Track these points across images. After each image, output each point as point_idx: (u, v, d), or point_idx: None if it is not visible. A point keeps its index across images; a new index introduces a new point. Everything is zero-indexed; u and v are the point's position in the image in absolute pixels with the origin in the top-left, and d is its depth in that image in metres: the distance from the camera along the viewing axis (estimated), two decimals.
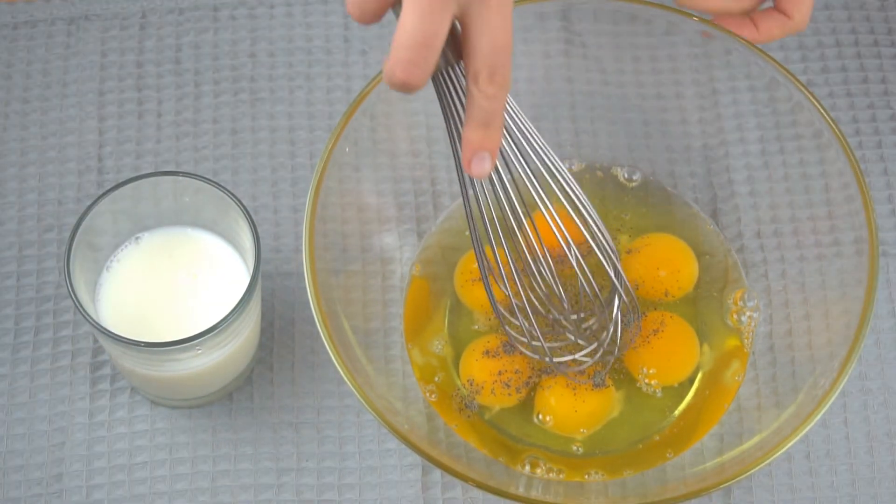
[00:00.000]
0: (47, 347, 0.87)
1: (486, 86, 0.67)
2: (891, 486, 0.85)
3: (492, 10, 0.66)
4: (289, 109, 0.94)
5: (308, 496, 0.84)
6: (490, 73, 0.67)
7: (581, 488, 0.83)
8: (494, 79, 0.67)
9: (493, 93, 0.68)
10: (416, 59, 0.65)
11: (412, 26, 0.65)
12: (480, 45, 0.67)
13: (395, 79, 0.66)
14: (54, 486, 0.84)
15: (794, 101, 0.82)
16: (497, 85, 0.67)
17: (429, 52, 0.65)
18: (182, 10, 0.96)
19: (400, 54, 0.65)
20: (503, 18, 0.66)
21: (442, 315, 0.87)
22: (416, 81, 0.66)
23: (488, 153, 0.70)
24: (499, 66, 0.67)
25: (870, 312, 0.77)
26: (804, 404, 0.77)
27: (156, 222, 0.83)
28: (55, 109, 0.94)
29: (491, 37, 0.66)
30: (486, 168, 0.70)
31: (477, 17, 0.66)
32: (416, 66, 0.66)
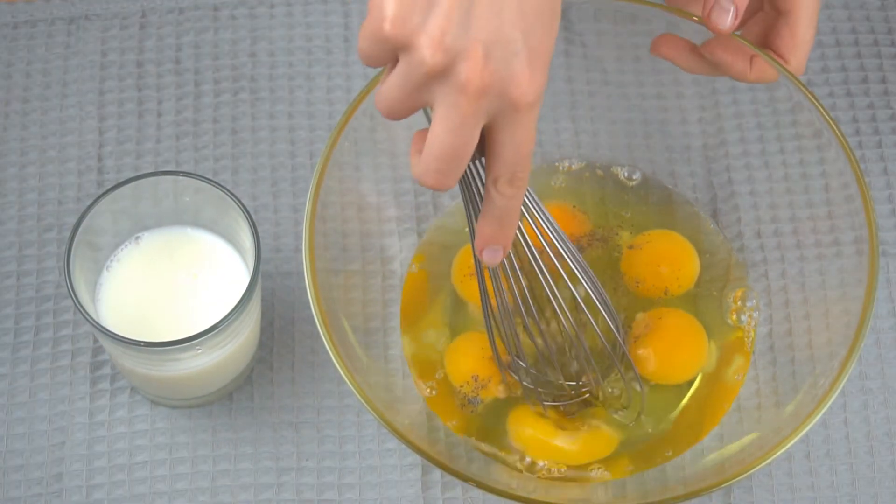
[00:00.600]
0: (47, 347, 0.87)
1: (504, 188, 0.69)
2: (891, 485, 0.85)
3: (519, 123, 0.67)
4: (289, 109, 0.94)
5: (308, 496, 0.84)
6: (510, 178, 0.69)
7: (581, 488, 0.83)
8: (514, 182, 0.69)
9: (512, 194, 0.69)
10: (447, 170, 0.67)
11: (444, 139, 0.66)
12: (504, 154, 0.68)
13: (425, 184, 0.68)
14: (54, 485, 0.84)
15: (794, 101, 0.82)
16: (515, 188, 0.69)
17: (459, 163, 0.67)
18: (182, 10, 0.96)
19: (431, 164, 0.67)
20: (528, 131, 0.67)
21: (440, 310, 0.87)
22: (445, 187, 0.68)
23: (500, 246, 0.72)
24: (519, 171, 0.68)
25: (870, 312, 0.77)
26: (804, 404, 0.77)
27: (156, 222, 0.83)
28: (55, 109, 0.94)
29: (515, 148, 0.67)
30: (497, 259, 0.72)
31: (504, 128, 0.67)
32: (445, 175, 0.67)
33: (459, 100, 0.65)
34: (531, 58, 0.65)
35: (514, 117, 0.66)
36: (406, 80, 0.66)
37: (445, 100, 0.65)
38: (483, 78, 0.64)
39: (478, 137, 0.67)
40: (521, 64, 0.65)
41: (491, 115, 0.66)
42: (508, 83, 0.65)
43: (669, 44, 0.83)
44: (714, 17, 0.78)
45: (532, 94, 0.66)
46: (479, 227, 0.71)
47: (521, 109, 0.66)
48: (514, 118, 0.66)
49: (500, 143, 0.67)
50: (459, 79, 0.64)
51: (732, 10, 0.78)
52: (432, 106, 0.66)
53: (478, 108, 0.65)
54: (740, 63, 0.81)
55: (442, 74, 0.65)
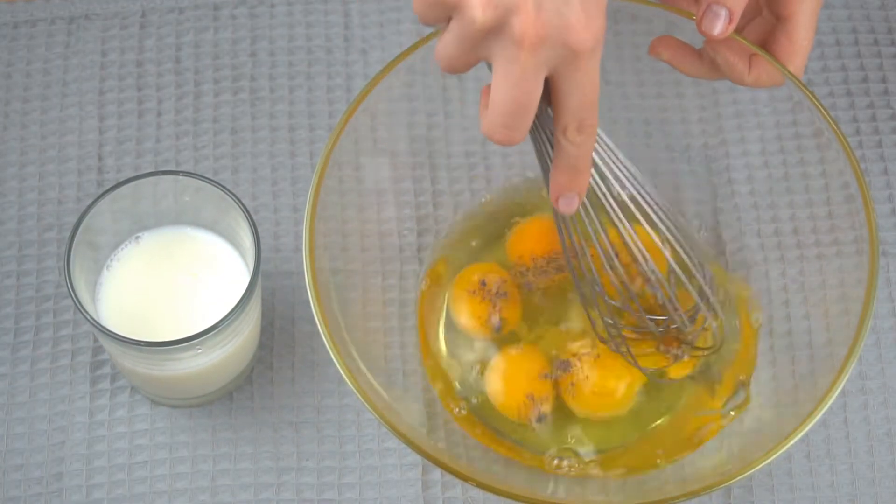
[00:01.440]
0: (47, 347, 0.87)
1: (574, 136, 0.69)
2: (891, 485, 0.85)
3: (581, 70, 0.67)
4: (289, 109, 0.94)
5: (308, 495, 0.84)
6: (578, 126, 0.69)
7: (581, 488, 0.83)
8: (583, 130, 0.69)
9: (581, 141, 0.69)
10: (513, 124, 0.67)
11: (506, 94, 0.66)
12: (570, 103, 0.68)
13: (494, 139, 0.68)
14: (54, 485, 0.84)
15: (794, 101, 0.82)
16: (584, 134, 0.69)
17: (524, 116, 0.67)
18: (182, 10, 0.96)
19: (497, 120, 0.67)
20: (592, 78, 0.67)
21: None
22: (514, 141, 0.68)
23: (575, 194, 0.72)
24: (586, 119, 0.69)
25: (870, 312, 0.77)
26: (804, 404, 0.77)
27: (156, 222, 0.83)
28: (55, 109, 0.94)
29: (580, 95, 0.68)
30: (573, 207, 0.73)
31: (567, 77, 0.67)
32: (512, 129, 0.67)
33: (517, 54, 0.65)
34: (584, 3, 0.65)
35: (575, 64, 0.66)
36: (461, 38, 0.66)
37: (503, 55, 0.65)
38: (538, 29, 0.64)
39: (541, 89, 0.67)
40: (575, 10, 0.65)
41: (551, 65, 0.66)
42: (564, 31, 0.65)
43: (668, 46, 0.83)
44: (706, 23, 0.78)
45: (590, 38, 0.66)
46: (552, 176, 0.72)
47: (582, 55, 0.66)
48: (576, 65, 0.66)
49: (564, 92, 0.67)
50: (514, 33, 0.64)
51: (725, 15, 0.77)
52: (491, 61, 0.66)
53: (537, 60, 0.65)
54: (740, 64, 0.81)
55: (496, 30, 0.65)
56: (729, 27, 0.78)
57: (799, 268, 0.86)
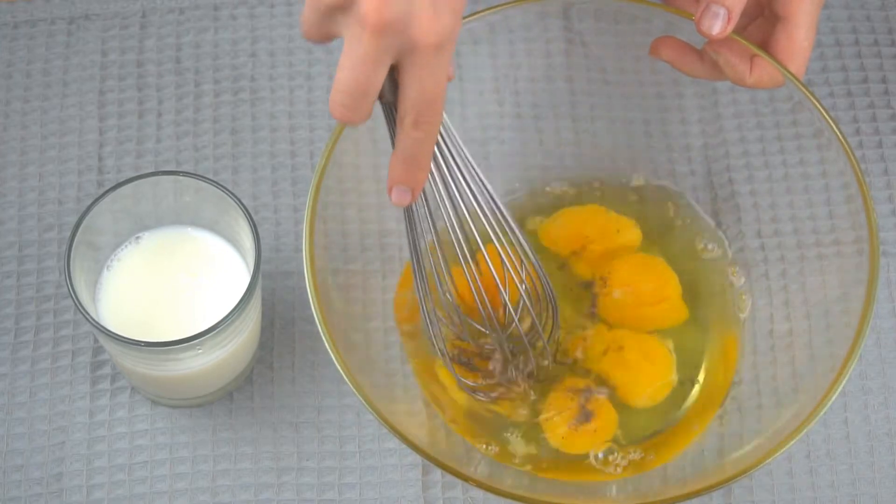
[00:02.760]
0: (47, 347, 0.87)
1: (410, 130, 0.69)
2: (891, 485, 0.85)
3: (422, 65, 0.67)
4: (289, 109, 0.94)
5: (308, 495, 0.84)
6: (415, 119, 0.69)
7: (581, 487, 0.83)
8: (419, 125, 0.69)
9: (418, 137, 0.69)
10: (352, 104, 0.67)
11: (347, 73, 0.67)
12: (408, 94, 0.68)
13: (334, 116, 0.68)
14: (54, 485, 0.84)
15: (794, 101, 0.82)
16: (422, 131, 0.69)
17: (363, 99, 0.67)
18: (182, 10, 0.96)
19: (337, 97, 0.68)
20: (434, 73, 0.67)
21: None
22: (353, 121, 0.68)
23: (409, 188, 0.72)
24: (425, 114, 0.69)
25: (870, 312, 0.77)
26: (804, 404, 0.77)
27: (156, 222, 0.83)
28: (55, 109, 0.94)
29: (419, 90, 0.68)
30: (406, 200, 0.73)
31: (408, 68, 0.67)
32: (351, 110, 0.68)
33: (360, 35, 0.65)
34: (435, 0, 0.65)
35: (417, 58, 0.67)
36: (313, 9, 0.67)
37: (349, 33, 0.66)
38: (382, 14, 0.64)
39: (383, 73, 0.67)
40: (424, 4, 0.65)
41: (396, 54, 0.66)
42: (410, 22, 0.65)
43: (668, 46, 0.83)
44: (705, 23, 0.78)
45: (434, 34, 0.66)
46: (390, 163, 0.72)
47: (424, 50, 0.66)
48: (418, 59, 0.67)
49: (404, 84, 0.68)
50: (359, 14, 0.65)
51: (723, 15, 0.77)
52: (341, 37, 0.67)
53: (379, 46, 0.65)
54: (741, 65, 0.81)
55: (343, 7, 0.65)
56: (728, 27, 0.78)
57: (799, 268, 0.86)
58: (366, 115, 0.68)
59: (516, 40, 0.89)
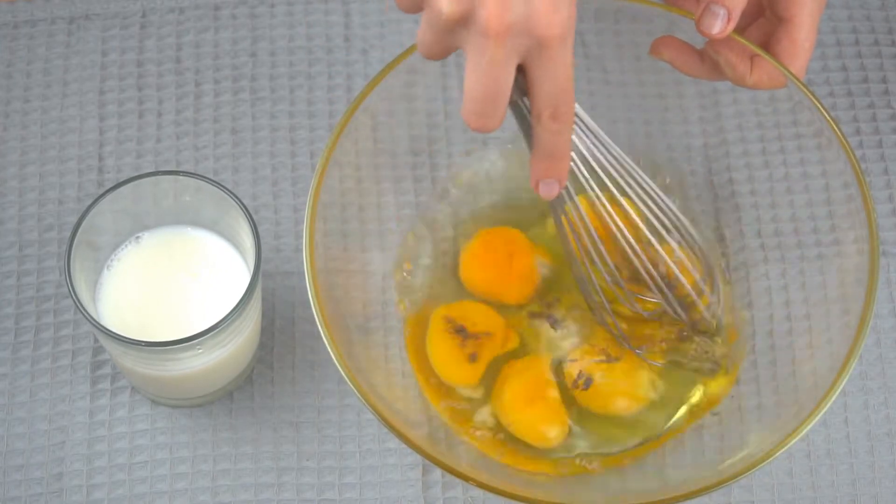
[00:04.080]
0: (48, 347, 0.87)
1: (548, 123, 0.70)
2: (891, 485, 0.85)
3: (551, 59, 0.67)
4: (289, 108, 0.94)
5: (308, 495, 0.84)
6: (552, 113, 0.69)
7: (581, 488, 0.83)
8: (557, 118, 0.70)
9: (557, 128, 0.70)
10: (485, 111, 0.68)
11: (476, 84, 0.67)
12: (542, 89, 0.69)
13: (470, 126, 0.69)
14: (54, 485, 0.84)
15: (794, 101, 0.82)
16: (560, 122, 0.70)
17: (496, 103, 0.68)
18: (183, 10, 0.96)
19: (469, 106, 0.68)
20: (563, 64, 0.68)
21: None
22: (489, 128, 0.69)
23: (555, 180, 0.73)
24: (560, 106, 0.69)
25: (870, 312, 0.77)
26: (804, 404, 0.77)
27: (156, 221, 0.83)
28: (56, 109, 0.94)
29: (552, 83, 0.68)
30: (553, 192, 0.74)
31: (538, 64, 0.68)
32: (486, 116, 0.68)
33: (484, 44, 0.66)
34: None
35: (544, 53, 0.67)
36: (432, 28, 0.67)
37: (472, 44, 0.66)
38: (503, 20, 0.65)
39: (512, 77, 0.67)
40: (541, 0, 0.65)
41: (522, 53, 0.67)
42: (531, 21, 0.66)
43: (669, 46, 0.83)
44: (705, 22, 0.78)
45: (557, 27, 0.66)
46: (531, 163, 0.72)
47: (550, 45, 0.67)
48: (545, 54, 0.67)
49: (536, 81, 0.68)
50: (480, 24, 0.65)
51: (723, 15, 0.78)
52: (462, 49, 0.67)
53: (505, 50, 0.66)
54: (742, 65, 0.81)
55: (463, 21, 0.66)
56: (728, 27, 0.78)
57: (799, 268, 0.86)
58: (501, 120, 0.69)
59: None
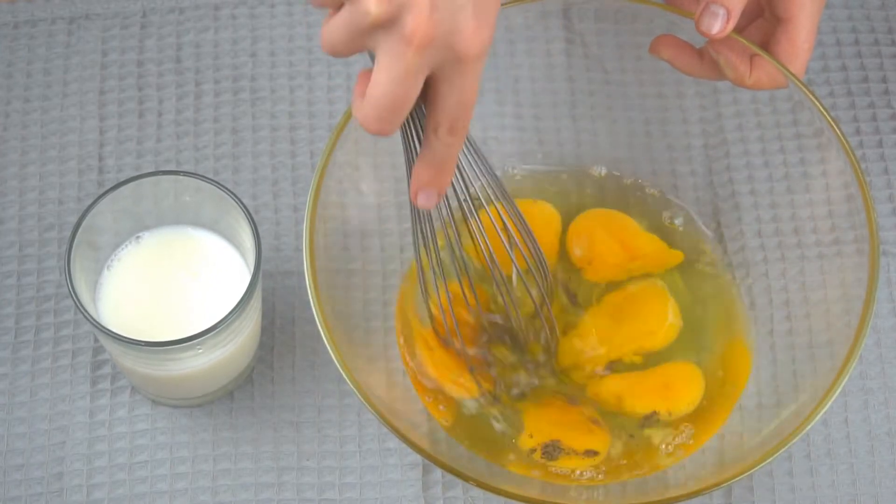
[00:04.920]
0: (48, 346, 0.87)
1: (444, 136, 0.69)
2: (891, 485, 0.85)
3: (463, 75, 0.67)
4: (289, 109, 0.94)
5: (309, 495, 0.84)
6: (450, 127, 0.69)
7: (581, 487, 0.83)
8: (454, 131, 0.69)
9: (450, 142, 0.70)
10: (388, 118, 0.67)
11: (386, 88, 0.66)
12: (446, 104, 0.68)
13: (367, 129, 0.68)
14: (55, 485, 0.84)
15: (794, 101, 0.82)
16: (455, 136, 0.69)
17: (400, 112, 0.67)
18: (183, 10, 0.96)
19: (372, 112, 0.67)
20: (472, 83, 0.68)
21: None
22: (386, 133, 0.68)
23: (436, 191, 0.72)
24: (459, 121, 0.69)
25: (870, 312, 0.77)
26: (804, 404, 0.77)
27: (156, 221, 0.83)
28: (56, 109, 0.94)
29: (458, 98, 0.68)
30: (432, 202, 0.73)
31: (448, 80, 0.67)
32: (387, 122, 0.67)
33: (404, 50, 0.65)
34: (477, 10, 0.65)
35: (457, 69, 0.67)
36: (350, 25, 0.66)
37: (389, 49, 0.66)
38: (428, 29, 0.64)
39: (420, 87, 0.67)
40: (467, 16, 0.65)
41: (434, 65, 0.66)
42: (453, 35, 0.65)
43: (668, 45, 0.83)
44: (705, 22, 0.78)
45: (477, 46, 0.66)
46: (415, 171, 0.72)
47: (466, 61, 0.66)
48: (458, 69, 0.67)
49: (442, 94, 0.68)
50: (405, 30, 0.65)
51: (723, 14, 0.78)
52: (376, 52, 0.66)
53: (422, 60, 0.65)
54: (742, 65, 0.81)
55: (387, 24, 0.65)
56: (727, 26, 0.78)
57: (799, 268, 0.86)
58: (398, 127, 0.68)
59: (516, 40, 0.89)
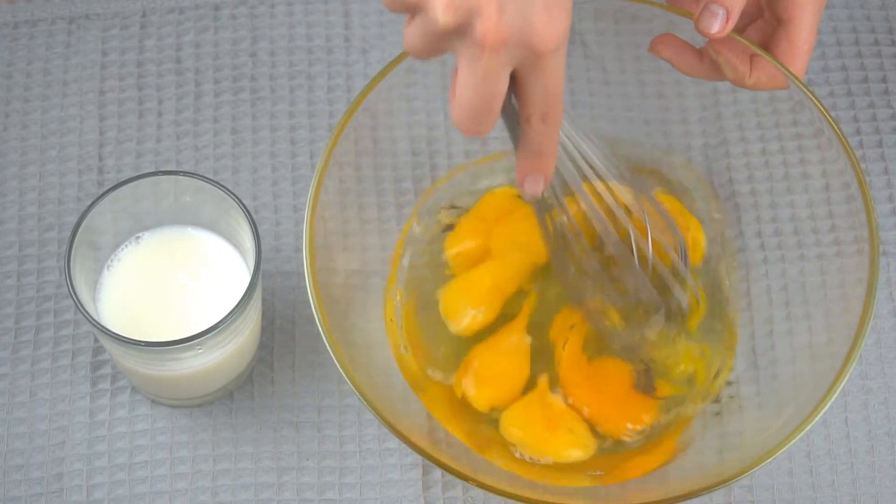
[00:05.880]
0: (48, 347, 0.87)
1: (538, 126, 0.70)
2: (891, 485, 0.85)
3: (544, 69, 0.67)
4: (289, 109, 0.94)
5: (309, 495, 0.84)
6: (542, 116, 0.70)
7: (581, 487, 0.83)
8: (546, 120, 0.70)
9: (544, 130, 0.70)
10: (477, 118, 0.68)
11: (469, 91, 0.67)
12: (533, 98, 0.69)
13: (462, 131, 0.69)
14: (54, 485, 0.84)
15: (794, 101, 0.82)
16: (548, 124, 0.70)
17: (489, 112, 0.68)
18: (182, 10, 0.96)
19: (463, 114, 0.68)
20: (555, 75, 0.68)
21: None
22: (482, 133, 0.69)
23: (541, 176, 0.73)
24: (550, 110, 0.70)
25: (870, 312, 0.77)
26: (804, 404, 0.77)
27: (156, 222, 0.83)
28: (56, 109, 0.94)
29: (543, 90, 0.68)
30: (539, 189, 0.74)
31: (531, 73, 0.68)
32: (478, 123, 0.68)
33: (479, 54, 0.65)
34: (547, 4, 0.65)
35: (538, 63, 0.67)
36: (424, 33, 0.67)
37: (466, 53, 0.66)
38: (499, 31, 0.65)
39: (506, 84, 0.67)
40: (538, 12, 0.65)
41: (515, 62, 0.67)
42: (527, 32, 0.65)
43: (667, 44, 0.83)
44: (704, 22, 0.78)
45: (553, 39, 0.66)
46: (518, 160, 0.73)
47: (544, 55, 0.67)
48: (539, 64, 0.67)
49: (528, 87, 0.68)
50: (476, 34, 0.65)
51: (722, 14, 0.78)
52: (455, 55, 0.67)
53: (499, 60, 0.66)
54: (742, 65, 0.81)
55: (458, 31, 0.65)
56: (726, 26, 0.78)
57: (799, 268, 0.86)
58: (494, 125, 0.69)
59: None
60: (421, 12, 0.66)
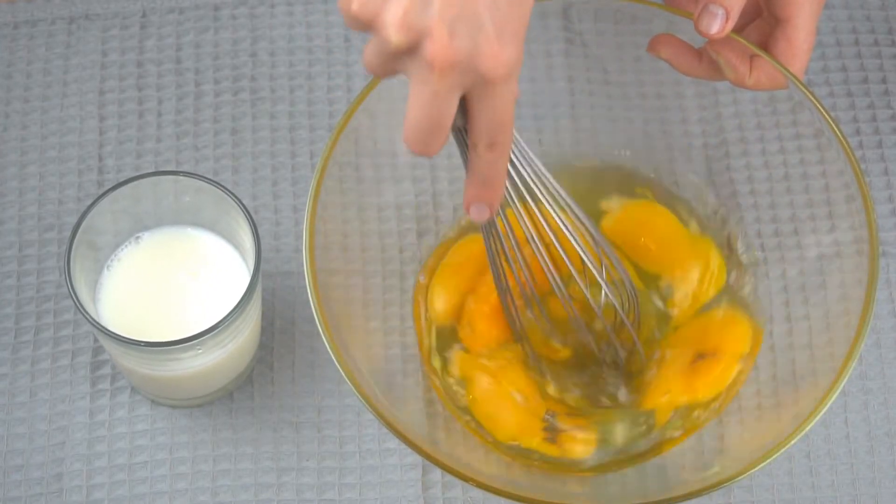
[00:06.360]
0: (48, 347, 0.87)
1: (484, 153, 0.70)
2: (891, 485, 0.85)
3: (493, 94, 0.67)
4: (289, 109, 0.94)
5: (308, 495, 0.84)
6: (489, 144, 0.69)
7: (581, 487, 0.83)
8: (493, 148, 0.70)
9: (492, 158, 0.70)
10: (426, 139, 0.68)
11: (418, 112, 0.67)
12: (481, 122, 0.69)
13: (411, 150, 0.69)
14: (54, 485, 0.84)
15: (794, 101, 0.82)
16: (495, 153, 0.70)
17: (437, 133, 0.68)
18: (183, 10, 0.96)
19: (412, 135, 0.68)
20: (504, 100, 0.68)
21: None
22: (430, 153, 0.69)
23: (486, 205, 0.73)
24: (497, 138, 0.69)
25: (870, 312, 0.77)
26: (804, 404, 0.77)
27: (156, 222, 0.83)
28: (56, 109, 0.94)
29: (490, 117, 0.68)
30: (484, 216, 0.73)
31: (479, 99, 0.68)
32: (426, 144, 0.68)
33: (428, 76, 0.66)
34: (499, 31, 0.65)
35: (486, 90, 0.67)
36: (379, 52, 0.67)
37: (416, 74, 0.66)
38: (448, 54, 0.65)
39: (454, 108, 0.67)
40: (488, 38, 0.65)
41: (465, 86, 0.67)
42: (476, 58, 0.65)
43: (667, 44, 0.83)
44: (703, 22, 0.78)
45: (502, 66, 0.66)
46: (465, 186, 0.73)
47: (494, 82, 0.67)
48: (487, 90, 0.67)
49: (476, 113, 0.68)
50: (426, 56, 0.65)
51: (722, 15, 0.78)
52: (406, 76, 0.67)
53: (448, 83, 0.66)
54: (741, 66, 0.81)
55: (409, 52, 0.66)
56: (726, 27, 0.78)
57: (799, 268, 0.86)
58: (442, 146, 0.69)
59: None
60: (374, 32, 0.66)
